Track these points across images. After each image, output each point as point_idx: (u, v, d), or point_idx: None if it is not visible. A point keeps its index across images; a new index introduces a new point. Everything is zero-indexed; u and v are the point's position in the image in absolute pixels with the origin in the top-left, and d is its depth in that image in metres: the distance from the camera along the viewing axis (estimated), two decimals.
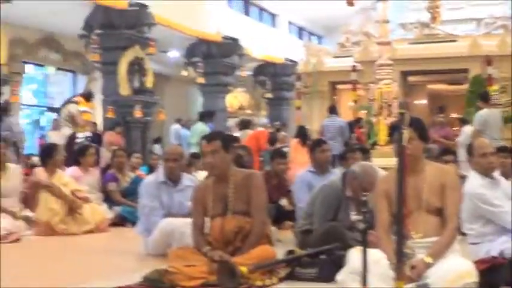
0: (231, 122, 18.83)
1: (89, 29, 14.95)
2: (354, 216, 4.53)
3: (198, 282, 4.47)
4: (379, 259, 3.85)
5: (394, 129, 4.17)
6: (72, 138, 11.98)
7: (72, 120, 11.78)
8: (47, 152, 8.42)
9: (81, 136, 12.36)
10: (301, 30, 27.59)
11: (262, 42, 22.10)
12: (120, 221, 8.74)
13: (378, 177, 5.02)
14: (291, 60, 22.29)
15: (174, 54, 20.05)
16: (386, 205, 4.07)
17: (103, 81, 15.70)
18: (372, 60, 11.36)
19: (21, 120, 16.44)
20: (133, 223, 7.80)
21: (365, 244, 3.52)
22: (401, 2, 17.78)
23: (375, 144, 9.39)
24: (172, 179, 6.12)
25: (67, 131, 11.60)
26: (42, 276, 5.22)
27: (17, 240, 7.12)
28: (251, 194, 4.90)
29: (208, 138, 4.99)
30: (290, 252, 5.18)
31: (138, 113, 14.72)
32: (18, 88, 15.67)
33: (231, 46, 19.43)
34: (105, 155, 11.68)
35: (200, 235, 4.89)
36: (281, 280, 4.73)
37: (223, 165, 4.91)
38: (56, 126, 14.12)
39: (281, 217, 7.87)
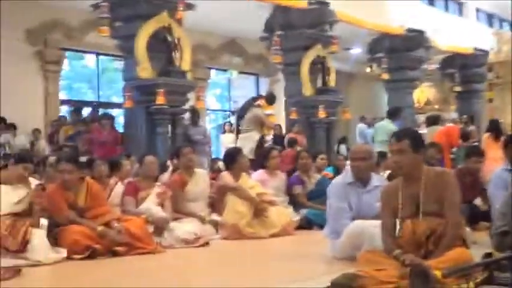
0: (421, 118, 18.40)
1: (270, 30, 15.22)
2: None
3: (389, 287, 4.38)
4: None
5: None
6: (261, 141, 12.22)
7: (260, 123, 12.01)
8: (231, 157, 8.64)
9: (269, 139, 12.56)
10: (490, 17, 26.50)
11: (449, 33, 21.46)
12: (307, 224, 8.77)
13: None
14: (481, 50, 21.49)
15: (357, 50, 19.95)
16: None
17: (286, 83, 15.92)
18: None
19: (207, 125, 17.04)
20: (319, 226, 7.81)
21: None
22: None
23: None
24: (361, 180, 6.01)
25: (254, 135, 11.86)
26: (230, 279, 5.32)
27: (206, 244, 7.29)
28: (444, 194, 4.73)
29: (398, 136, 4.87)
30: (487, 255, 4.95)
31: (322, 113, 14.77)
32: (204, 94, 16.24)
33: (416, 39, 19.00)
34: None
35: (390, 238, 4.78)
36: (478, 285, 4.51)
37: (410, 165, 4.77)
38: (230, 129, 14.54)
39: (476, 217, 7.58)
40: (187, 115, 12.83)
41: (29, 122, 14.36)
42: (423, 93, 22.90)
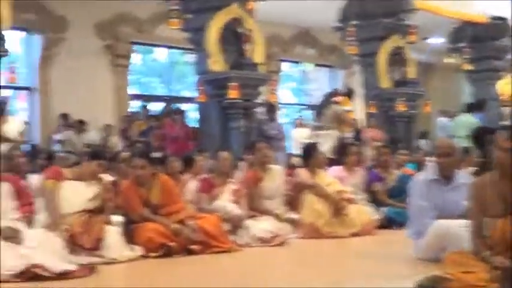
0: (507, 111, 17.97)
1: (345, 20, 15.10)
2: None
3: None
4: None
5: None
6: (342, 140, 12.18)
7: (339, 120, 11.97)
8: (308, 152, 8.63)
9: (349, 136, 12.51)
10: None
11: None
12: (387, 223, 8.70)
13: None
14: None
15: (437, 40, 19.65)
16: None
17: (363, 75, 15.78)
18: None
19: (281, 119, 17.04)
20: (401, 225, 7.74)
21: None
22: None
23: None
24: (445, 176, 5.92)
25: (334, 133, 11.84)
26: (307, 280, 5.34)
27: (282, 243, 7.29)
28: None
29: (510, 132, 4.75)
30: None
31: (401, 107, 14.58)
32: (276, 87, 16.24)
33: (500, 27, 18.58)
34: (368, 153, 11.72)
35: (479, 238, 4.70)
36: None
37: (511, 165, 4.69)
38: (302, 124, 14.46)
39: None
40: (260, 109, 12.84)
41: (99, 118, 14.59)
42: (508, 85, 22.34)
